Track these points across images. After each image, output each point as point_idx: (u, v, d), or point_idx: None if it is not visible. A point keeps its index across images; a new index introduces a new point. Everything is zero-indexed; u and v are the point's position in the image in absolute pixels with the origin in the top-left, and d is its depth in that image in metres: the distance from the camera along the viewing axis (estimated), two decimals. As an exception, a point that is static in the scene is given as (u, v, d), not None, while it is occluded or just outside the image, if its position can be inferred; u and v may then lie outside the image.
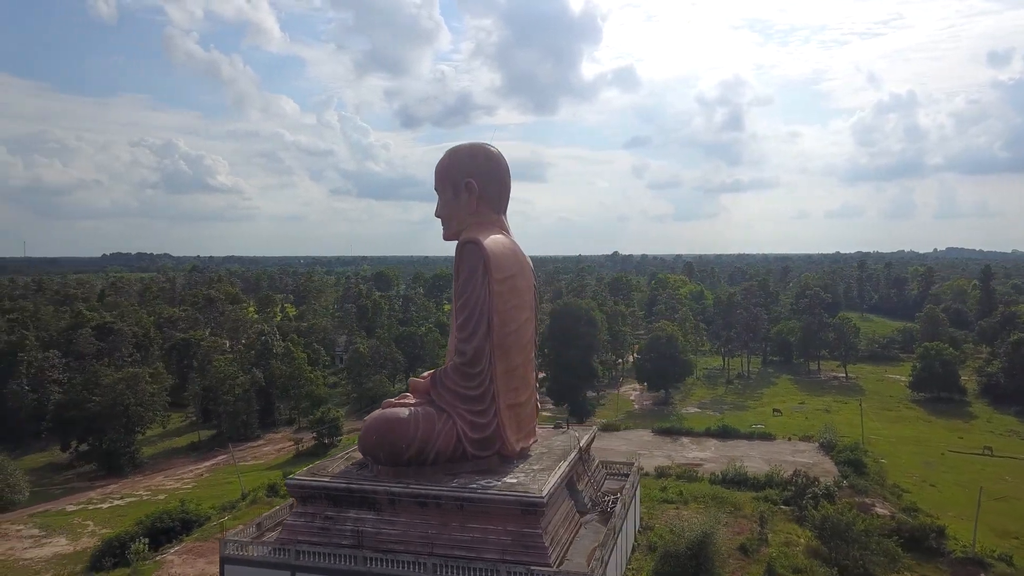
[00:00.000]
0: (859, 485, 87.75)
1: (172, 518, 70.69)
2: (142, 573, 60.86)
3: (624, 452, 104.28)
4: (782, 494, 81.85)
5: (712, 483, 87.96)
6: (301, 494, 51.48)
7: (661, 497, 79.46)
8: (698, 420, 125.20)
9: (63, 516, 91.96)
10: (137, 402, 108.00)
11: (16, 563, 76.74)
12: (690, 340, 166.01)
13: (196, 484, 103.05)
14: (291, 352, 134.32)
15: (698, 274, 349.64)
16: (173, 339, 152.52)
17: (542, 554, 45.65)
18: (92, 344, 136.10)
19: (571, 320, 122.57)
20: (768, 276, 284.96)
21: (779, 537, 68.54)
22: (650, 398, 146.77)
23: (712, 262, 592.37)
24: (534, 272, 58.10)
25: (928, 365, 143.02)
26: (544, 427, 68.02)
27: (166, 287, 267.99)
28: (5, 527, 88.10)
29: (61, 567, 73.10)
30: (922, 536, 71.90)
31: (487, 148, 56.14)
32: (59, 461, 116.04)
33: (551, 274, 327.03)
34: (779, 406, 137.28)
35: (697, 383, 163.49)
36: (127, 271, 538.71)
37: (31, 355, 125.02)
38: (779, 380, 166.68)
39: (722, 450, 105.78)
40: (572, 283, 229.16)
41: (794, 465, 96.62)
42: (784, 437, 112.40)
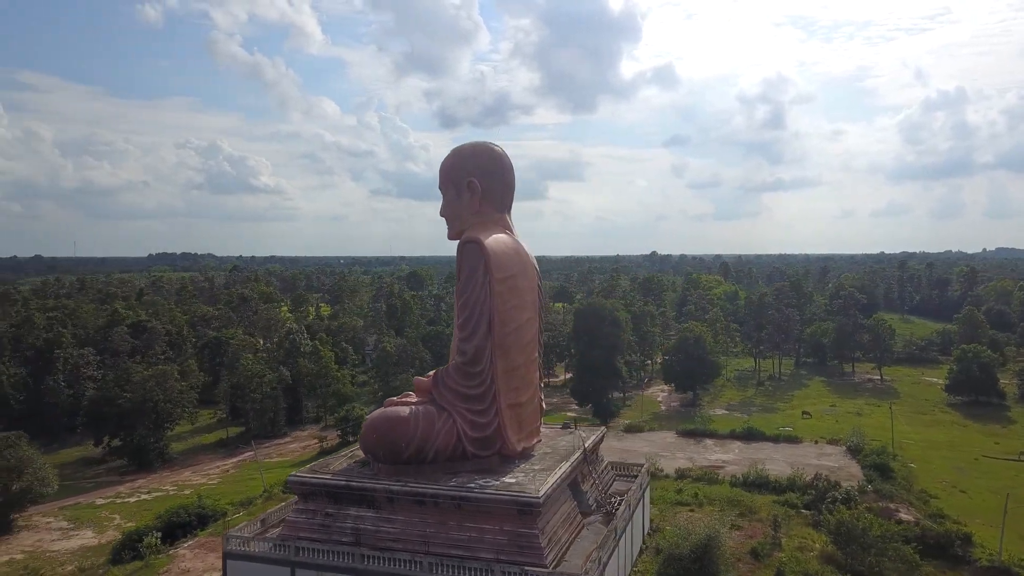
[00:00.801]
0: (884, 490, 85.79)
1: (188, 513, 71.97)
2: (154, 566, 62.06)
3: (645, 453, 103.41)
4: (802, 498, 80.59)
5: (733, 486, 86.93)
6: (302, 491, 52.04)
7: (676, 499, 78.65)
8: (725, 422, 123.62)
9: (92, 509, 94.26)
10: (165, 399, 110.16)
11: (43, 555, 78.83)
12: (720, 341, 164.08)
13: (221, 480, 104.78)
14: (318, 351, 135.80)
15: (734, 274, 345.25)
16: (206, 337, 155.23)
17: (538, 554, 45.47)
18: (127, 342, 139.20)
19: (595, 320, 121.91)
20: (805, 276, 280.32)
21: (793, 542, 67.33)
22: (677, 400, 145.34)
23: (752, 262, 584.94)
24: (538, 272, 57.86)
25: (965, 368, 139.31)
26: (552, 427, 67.84)
27: (204, 286, 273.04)
28: (36, 519, 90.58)
29: (84, 559, 74.79)
30: (947, 543, 70.13)
31: (490, 147, 56.14)
32: (92, 456, 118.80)
33: (584, 274, 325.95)
34: (809, 409, 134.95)
35: (727, 385, 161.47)
36: (171, 270, 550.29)
37: (67, 352, 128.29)
38: (811, 382, 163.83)
39: (746, 452, 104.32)
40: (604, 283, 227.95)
41: (819, 469, 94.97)
42: (811, 440, 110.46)
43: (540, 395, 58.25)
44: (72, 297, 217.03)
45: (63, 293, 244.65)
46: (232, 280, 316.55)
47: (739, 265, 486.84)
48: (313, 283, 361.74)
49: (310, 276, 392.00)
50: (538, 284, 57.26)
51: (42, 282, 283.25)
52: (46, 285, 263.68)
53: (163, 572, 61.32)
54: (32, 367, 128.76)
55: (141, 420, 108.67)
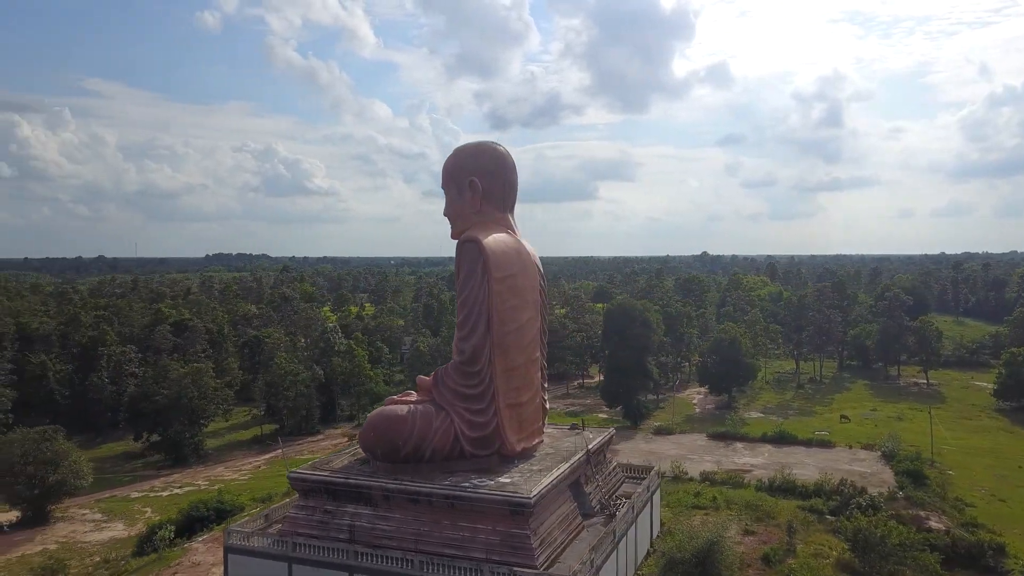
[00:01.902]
0: (916, 497, 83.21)
1: (207, 507, 73.52)
2: (167, 559, 63.57)
3: (671, 456, 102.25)
4: (828, 504, 78.70)
5: (758, 490, 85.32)
6: (302, 488, 52.71)
7: (693, 503, 77.38)
8: (760, 425, 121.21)
9: (126, 502, 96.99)
10: (200, 395, 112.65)
11: (75, 545, 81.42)
12: (760, 343, 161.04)
13: (252, 476, 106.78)
14: (352, 350, 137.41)
15: (781, 275, 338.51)
16: (247, 336, 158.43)
17: (529, 555, 45.26)
18: (169, 340, 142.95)
19: (625, 321, 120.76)
20: (855, 277, 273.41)
21: (809, 548, 65.69)
22: (713, 402, 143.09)
23: (806, 263, 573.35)
24: (541, 272, 57.57)
25: (1015, 372, 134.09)
26: (560, 428, 67.44)
27: (252, 286, 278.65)
28: (73, 511, 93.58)
29: (111, 551, 76.93)
30: (979, 553, 67.81)
31: (492, 147, 56.10)
32: (132, 450, 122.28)
33: (628, 276, 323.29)
34: (848, 412, 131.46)
35: (766, 387, 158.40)
36: (225, 271, 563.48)
37: (111, 349, 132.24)
38: (854, 386, 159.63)
39: (776, 456, 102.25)
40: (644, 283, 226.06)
41: (850, 474, 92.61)
42: (845, 445, 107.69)
43: (542, 395, 57.92)
44: (125, 296, 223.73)
45: (117, 292, 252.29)
46: (280, 280, 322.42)
47: (793, 266, 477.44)
48: (360, 283, 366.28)
49: (356, 276, 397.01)
50: (540, 284, 57.00)
51: (98, 282, 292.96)
52: (102, 284, 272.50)
53: (175, 564, 62.79)
54: (78, 364, 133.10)
55: (176, 416, 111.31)
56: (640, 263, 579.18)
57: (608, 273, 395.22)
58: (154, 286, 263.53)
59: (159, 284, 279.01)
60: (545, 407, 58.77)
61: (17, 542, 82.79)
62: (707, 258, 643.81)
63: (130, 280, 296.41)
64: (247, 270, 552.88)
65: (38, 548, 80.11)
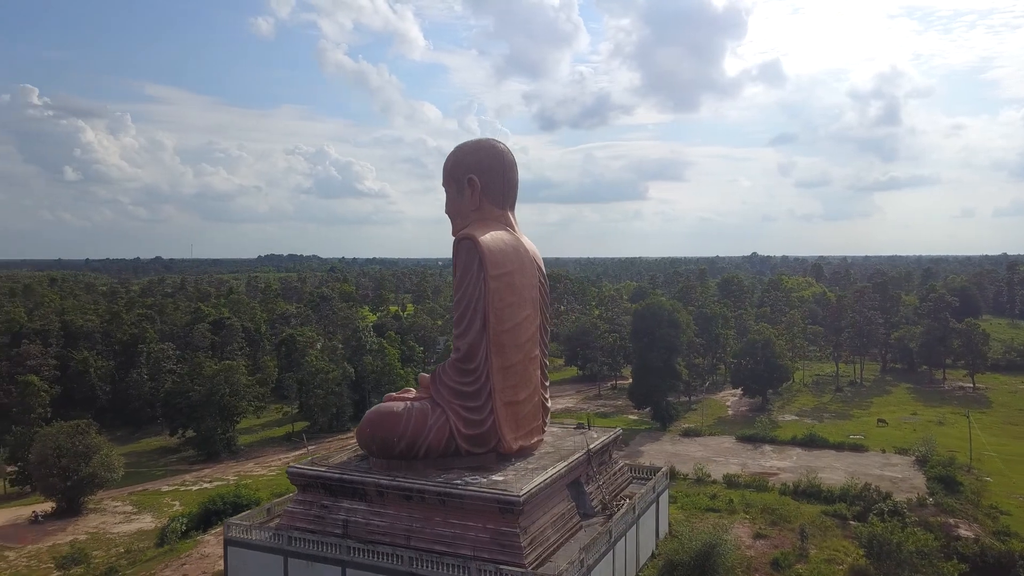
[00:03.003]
0: (946, 504, 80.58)
1: (224, 501, 74.78)
2: (178, 551, 64.97)
3: (697, 458, 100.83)
4: (852, 509, 76.73)
5: (782, 494, 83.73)
6: (301, 482, 53.31)
7: (708, 505, 76.08)
8: (793, 428, 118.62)
9: (157, 496, 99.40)
10: (231, 392, 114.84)
11: (103, 536, 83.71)
12: (798, 344, 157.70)
13: (279, 472, 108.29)
14: (384, 348, 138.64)
15: (831, 276, 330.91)
16: (283, 334, 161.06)
17: (517, 554, 45.00)
18: (207, 338, 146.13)
19: (653, 321, 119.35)
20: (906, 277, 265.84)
21: (824, 553, 64.05)
22: (747, 404, 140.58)
23: (859, 264, 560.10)
24: (541, 269, 57.23)
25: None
26: (566, 426, 66.98)
27: (297, 286, 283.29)
28: (105, 503, 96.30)
29: (136, 542, 78.94)
30: (1009, 563, 65.52)
31: (492, 144, 56.00)
32: (168, 445, 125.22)
33: (670, 276, 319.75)
34: (887, 416, 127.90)
35: (804, 390, 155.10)
36: (275, 271, 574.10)
37: (151, 346, 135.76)
38: (895, 389, 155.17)
39: (804, 460, 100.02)
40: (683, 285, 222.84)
41: (880, 479, 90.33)
42: (878, 449, 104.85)
43: (543, 394, 57.53)
44: (172, 296, 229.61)
45: (167, 292, 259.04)
46: (325, 280, 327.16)
47: (843, 267, 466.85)
48: (403, 284, 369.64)
49: (400, 277, 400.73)
50: (540, 281, 56.65)
51: (149, 281, 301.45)
52: (152, 284, 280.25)
53: (184, 556, 64.10)
54: (119, 360, 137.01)
55: (209, 412, 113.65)
56: (687, 264, 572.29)
57: (651, 274, 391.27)
58: (202, 286, 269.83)
59: (207, 284, 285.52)
60: (546, 405, 58.40)
61: (50, 532, 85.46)
62: (756, 259, 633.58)
63: (179, 280, 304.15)
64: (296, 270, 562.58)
65: (69, 538, 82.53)
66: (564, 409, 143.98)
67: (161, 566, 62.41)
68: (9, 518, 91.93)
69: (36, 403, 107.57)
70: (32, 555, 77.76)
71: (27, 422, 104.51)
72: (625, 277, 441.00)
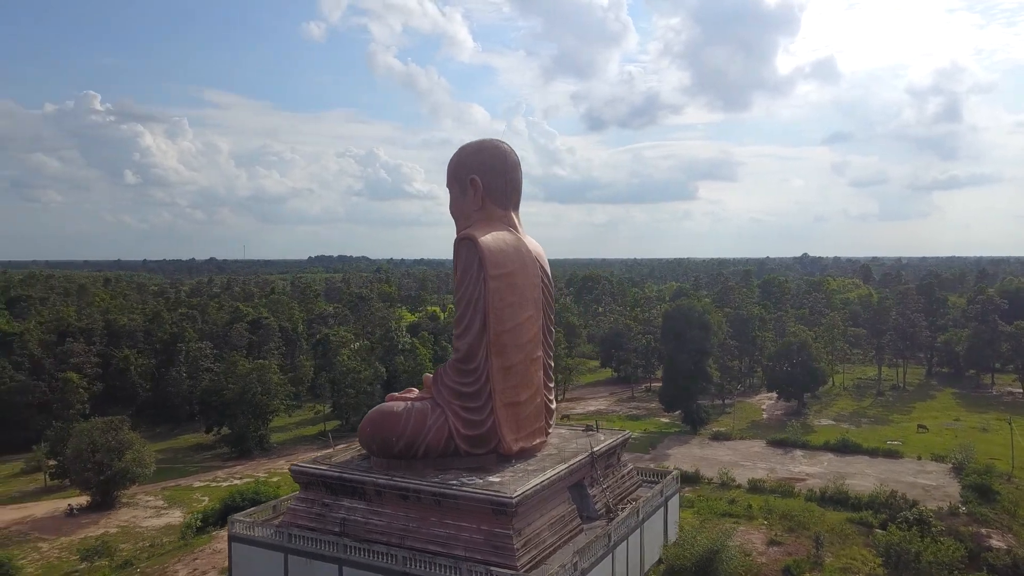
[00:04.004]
0: (979, 513, 77.87)
1: (244, 498, 76.02)
2: (192, 545, 66.34)
3: (725, 462, 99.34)
4: (877, 517, 74.68)
5: (808, 500, 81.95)
6: (303, 480, 53.93)
7: (725, 510, 74.76)
8: (827, 433, 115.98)
9: (188, 491, 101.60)
10: (263, 391, 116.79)
11: (133, 529, 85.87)
12: (839, 347, 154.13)
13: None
14: (415, 348, 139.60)
15: (881, 278, 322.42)
16: (320, 334, 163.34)
17: (510, 555, 44.83)
18: (244, 337, 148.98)
19: (683, 323, 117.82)
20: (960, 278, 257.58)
21: (840, 562, 62.42)
22: (782, 408, 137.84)
23: (915, 265, 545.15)
24: (545, 270, 56.90)
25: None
26: (574, 428, 66.45)
27: (341, 287, 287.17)
28: (139, 497, 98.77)
29: (161, 536, 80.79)
30: (1042, 576, 62.91)
31: (495, 144, 55.90)
32: (204, 442, 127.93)
33: (713, 277, 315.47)
34: (928, 422, 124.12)
35: (844, 393, 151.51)
36: (324, 271, 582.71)
37: (189, 345, 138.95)
38: (940, 394, 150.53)
39: (835, 466, 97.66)
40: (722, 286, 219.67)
41: (913, 487, 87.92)
42: (913, 456, 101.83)
43: (546, 395, 57.08)
44: (217, 296, 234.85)
45: (214, 292, 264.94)
46: (369, 280, 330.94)
47: (896, 268, 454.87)
48: (447, 284, 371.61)
49: (443, 277, 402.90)
50: (544, 282, 56.33)
51: (197, 282, 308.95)
52: (200, 285, 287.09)
53: (198, 551, 65.44)
54: (159, 359, 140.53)
55: (242, 410, 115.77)
56: (735, 265, 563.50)
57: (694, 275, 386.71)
58: (248, 287, 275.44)
59: (253, 285, 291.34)
60: (550, 407, 57.99)
61: (83, 524, 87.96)
62: (807, 260, 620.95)
63: (225, 280, 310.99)
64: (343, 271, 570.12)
65: (100, 531, 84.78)
66: (596, 411, 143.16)
67: (174, 560, 63.84)
68: (47, 510, 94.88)
69: (75, 399, 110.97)
70: (64, 547, 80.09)
71: (66, 417, 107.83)
72: (671, 278, 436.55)
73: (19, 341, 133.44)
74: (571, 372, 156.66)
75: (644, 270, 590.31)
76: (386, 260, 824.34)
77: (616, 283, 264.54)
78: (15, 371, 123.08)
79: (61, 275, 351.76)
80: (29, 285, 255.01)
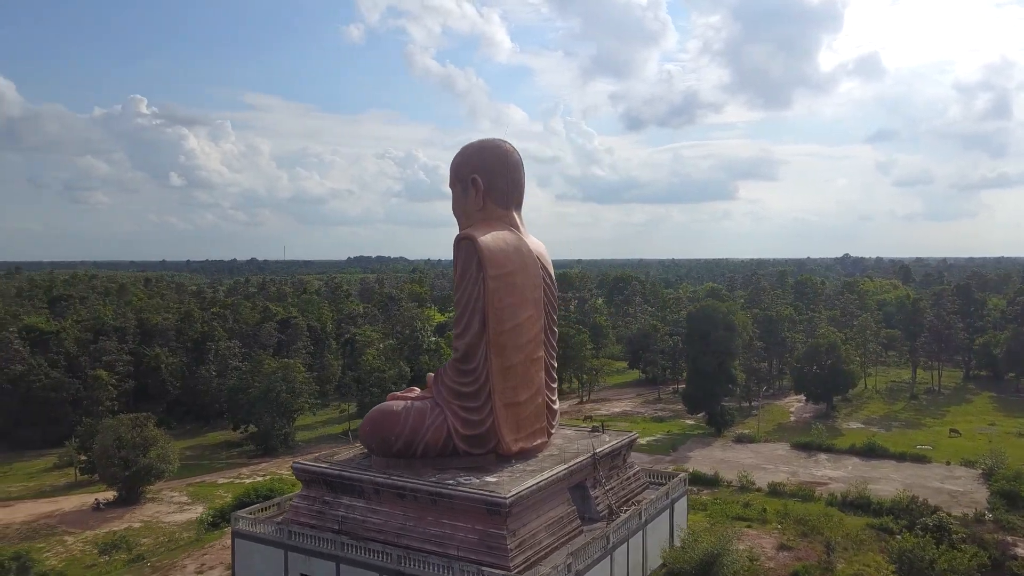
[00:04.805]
0: (1006, 520, 75.77)
1: (259, 495, 77.04)
2: (203, 541, 67.34)
3: (747, 465, 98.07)
4: (898, 523, 72.96)
5: (828, 504, 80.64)
6: (305, 478, 54.40)
7: (739, 514, 73.65)
8: (856, 436, 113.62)
9: (212, 487, 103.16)
10: (288, 390, 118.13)
11: (156, 524, 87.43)
12: (871, 349, 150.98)
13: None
14: (440, 348, 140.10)
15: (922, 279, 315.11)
16: (349, 334, 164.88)
17: (503, 556, 44.68)
18: (273, 336, 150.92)
19: (707, 324, 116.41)
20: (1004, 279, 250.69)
21: (852, 568, 61.05)
22: (811, 411, 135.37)
23: (961, 266, 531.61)
24: (546, 270, 56.60)
25: None
26: (580, 430, 66.01)
27: (375, 287, 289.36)
28: (164, 493, 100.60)
29: (182, 532, 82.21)
30: (1069, 585, 60.92)
31: (496, 143, 55.78)
32: (232, 440, 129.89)
33: (748, 278, 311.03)
34: (961, 427, 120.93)
35: (876, 396, 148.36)
36: (361, 272, 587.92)
37: (219, 344, 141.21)
38: (976, 398, 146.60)
39: (860, 470, 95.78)
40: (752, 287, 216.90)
41: (939, 493, 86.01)
42: (942, 461, 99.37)
43: (548, 395, 56.74)
44: (251, 296, 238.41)
45: (251, 292, 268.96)
46: (401, 281, 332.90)
47: (941, 268, 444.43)
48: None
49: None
50: (546, 282, 56.04)
51: (235, 282, 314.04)
52: (237, 285, 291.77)
53: (208, 546, 66.41)
54: (190, 357, 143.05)
55: (267, 408, 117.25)
56: (774, 265, 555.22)
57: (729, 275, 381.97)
58: (283, 287, 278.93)
59: (288, 285, 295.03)
60: (553, 408, 57.65)
61: (108, 519, 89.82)
62: (848, 260, 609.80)
63: (260, 280, 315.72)
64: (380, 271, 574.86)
65: (124, 526, 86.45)
66: (622, 413, 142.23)
67: (184, 555, 64.88)
68: (76, 504, 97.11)
69: (104, 396, 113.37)
70: (88, 541, 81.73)
71: (96, 414, 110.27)
72: (708, 279, 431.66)
73: (55, 339, 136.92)
74: (597, 373, 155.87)
75: (681, 271, 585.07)
76: (423, 260, 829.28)
77: (648, 284, 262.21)
78: (51, 368, 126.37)
79: (105, 275, 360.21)
80: (71, 285, 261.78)
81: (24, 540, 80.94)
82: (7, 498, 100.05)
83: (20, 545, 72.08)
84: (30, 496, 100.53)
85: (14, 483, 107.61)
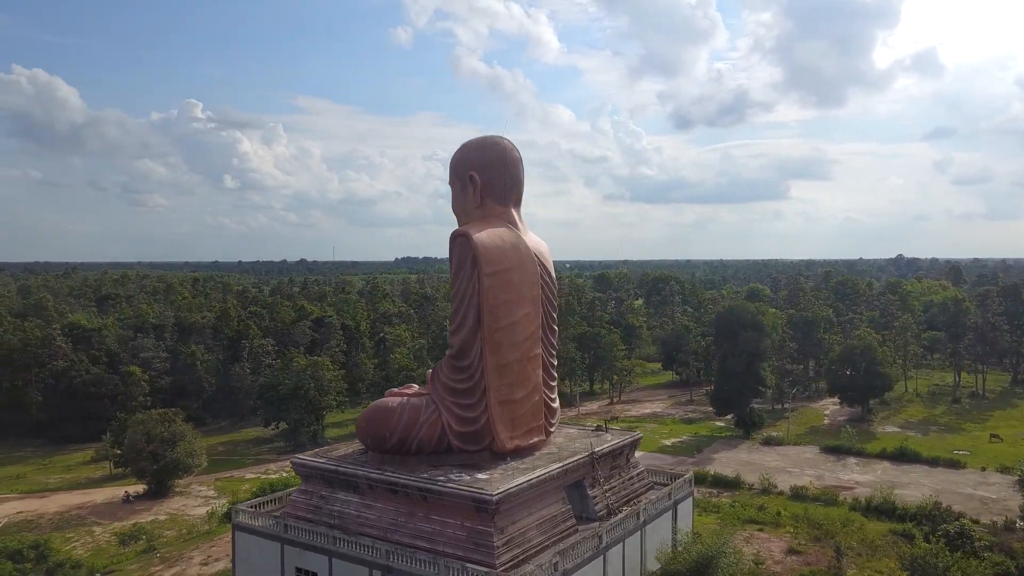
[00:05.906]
0: (1036, 529, 72.84)
1: (274, 489, 77.89)
2: (213, 533, 68.62)
3: (772, 468, 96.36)
4: (922, 529, 70.84)
5: (852, 509, 78.81)
6: (304, 473, 55.02)
7: (752, 517, 72.25)
8: (890, 440, 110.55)
9: (238, 482, 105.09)
10: (316, 387, 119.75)
11: (181, 517, 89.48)
12: (911, 351, 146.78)
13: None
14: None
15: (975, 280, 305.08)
16: (383, 333, 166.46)
17: (489, 553, 44.54)
18: (307, 335, 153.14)
19: (735, 324, 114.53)
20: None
21: (862, 574, 59.35)
22: (846, 414, 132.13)
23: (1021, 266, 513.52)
24: (545, 267, 56.18)
25: None
26: (584, 428, 65.44)
27: (415, 288, 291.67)
28: (193, 487, 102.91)
29: (203, 525, 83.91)
30: (1098, 598, 58.48)
31: (496, 140, 55.61)
32: (263, 436, 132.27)
33: (792, 278, 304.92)
34: (1004, 432, 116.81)
35: (916, 400, 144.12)
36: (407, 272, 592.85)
37: (253, 342, 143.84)
38: (1023, 402, 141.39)
39: (890, 475, 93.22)
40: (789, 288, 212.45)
41: (970, 499, 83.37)
42: (978, 467, 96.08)
43: (546, 393, 56.25)
44: (292, 296, 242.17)
45: (292, 292, 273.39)
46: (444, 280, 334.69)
47: (999, 269, 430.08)
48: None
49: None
50: (543, 279, 55.62)
51: (279, 282, 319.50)
52: (281, 285, 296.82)
53: (217, 539, 67.61)
54: (226, 354, 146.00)
55: (296, 405, 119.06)
56: (825, 266, 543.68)
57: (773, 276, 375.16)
58: (324, 287, 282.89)
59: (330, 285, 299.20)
60: (552, 406, 57.19)
61: (136, 511, 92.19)
62: (901, 261, 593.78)
63: (303, 280, 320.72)
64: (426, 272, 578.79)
65: (151, 518, 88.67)
66: (651, 414, 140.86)
67: (193, 547, 66.16)
68: (107, 497, 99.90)
69: (137, 391, 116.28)
70: (115, 532, 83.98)
71: (129, 409, 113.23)
72: (755, 280, 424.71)
73: (97, 336, 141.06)
74: (628, 374, 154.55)
75: (728, 272, 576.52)
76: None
77: (688, 285, 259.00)
78: (92, 364, 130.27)
79: (156, 275, 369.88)
80: (121, 284, 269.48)
81: (55, 530, 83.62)
82: (44, 489, 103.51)
83: (48, 535, 74.23)
84: (65, 488, 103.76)
85: (52, 475, 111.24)
